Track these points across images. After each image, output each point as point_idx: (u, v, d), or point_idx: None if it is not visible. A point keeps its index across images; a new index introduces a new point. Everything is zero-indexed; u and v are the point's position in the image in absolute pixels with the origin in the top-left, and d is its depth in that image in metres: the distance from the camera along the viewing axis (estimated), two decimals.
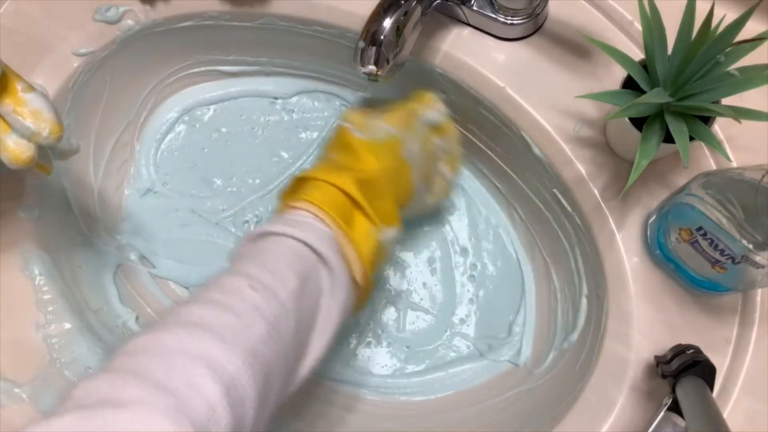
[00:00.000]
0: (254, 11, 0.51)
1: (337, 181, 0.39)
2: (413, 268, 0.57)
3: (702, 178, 0.38)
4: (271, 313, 0.32)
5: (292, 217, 0.38)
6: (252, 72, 0.59)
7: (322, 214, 0.38)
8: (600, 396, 0.42)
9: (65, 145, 0.43)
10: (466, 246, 0.57)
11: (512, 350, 0.53)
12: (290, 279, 0.34)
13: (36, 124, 0.37)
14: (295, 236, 0.36)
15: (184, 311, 0.31)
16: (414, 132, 0.44)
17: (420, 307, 0.56)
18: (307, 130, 0.60)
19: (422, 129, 0.45)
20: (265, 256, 0.36)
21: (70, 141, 0.44)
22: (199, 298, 0.32)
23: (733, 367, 0.41)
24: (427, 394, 0.54)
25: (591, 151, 0.45)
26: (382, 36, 0.38)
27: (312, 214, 0.38)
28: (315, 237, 0.37)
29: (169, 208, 0.59)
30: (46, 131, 0.37)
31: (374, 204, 0.40)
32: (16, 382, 0.45)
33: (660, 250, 0.42)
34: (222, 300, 0.32)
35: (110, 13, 0.50)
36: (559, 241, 0.50)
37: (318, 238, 0.37)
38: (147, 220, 0.58)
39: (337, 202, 0.39)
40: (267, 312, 0.32)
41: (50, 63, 0.50)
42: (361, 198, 0.39)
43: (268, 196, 0.59)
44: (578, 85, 0.45)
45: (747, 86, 0.36)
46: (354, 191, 0.39)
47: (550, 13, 0.47)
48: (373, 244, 0.39)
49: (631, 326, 0.42)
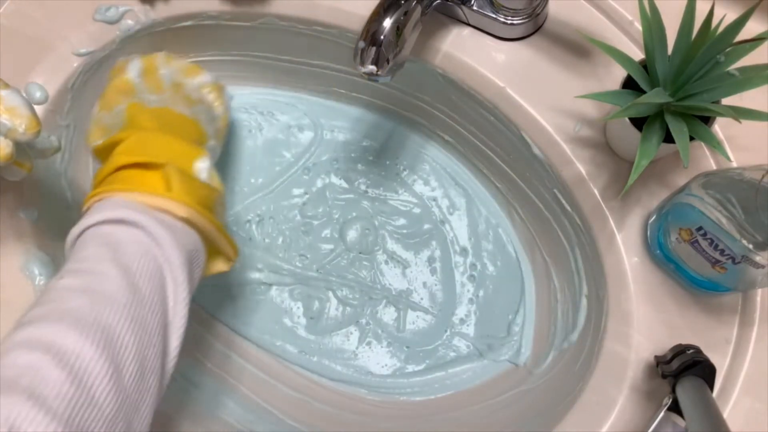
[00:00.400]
0: (254, 11, 0.51)
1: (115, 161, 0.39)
2: (413, 267, 0.57)
3: (702, 178, 0.38)
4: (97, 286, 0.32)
5: (97, 206, 0.38)
6: (252, 72, 0.59)
7: (120, 194, 0.38)
8: (600, 396, 0.42)
9: (45, 143, 0.43)
10: (466, 246, 0.57)
11: (512, 350, 0.53)
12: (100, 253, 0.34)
13: (11, 120, 0.37)
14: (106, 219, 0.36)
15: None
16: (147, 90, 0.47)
17: (420, 306, 0.56)
18: (308, 130, 0.60)
19: (163, 81, 0.48)
20: (82, 249, 0.36)
21: (51, 139, 0.44)
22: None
23: (733, 367, 0.41)
24: (427, 394, 0.54)
25: (591, 151, 0.45)
26: (382, 36, 0.38)
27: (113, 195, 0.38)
28: (116, 210, 0.36)
29: None
30: (22, 127, 0.37)
31: (155, 151, 0.40)
32: None
33: (660, 250, 0.42)
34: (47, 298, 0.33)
35: (110, 13, 0.50)
36: (559, 241, 0.50)
37: (116, 208, 0.37)
38: None
39: (126, 176, 0.39)
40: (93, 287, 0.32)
41: (50, 63, 0.50)
42: (138, 156, 0.39)
43: (270, 195, 0.59)
44: (578, 85, 0.45)
45: (747, 86, 0.36)
46: (127, 159, 0.39)
47: (550, 13, 0.47)
48: (179, 179, 0.39)
49: (631, 326, 0.42)
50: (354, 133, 0.60)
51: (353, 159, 0.59)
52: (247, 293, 0.57)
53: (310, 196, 0.59)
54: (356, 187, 0.59)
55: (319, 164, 0.59)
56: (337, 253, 0.57)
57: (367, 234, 0.58)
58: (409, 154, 0.59)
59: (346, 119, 0.60)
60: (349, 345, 0.55)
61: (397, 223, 0.58)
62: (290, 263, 0.57)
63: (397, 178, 0.59)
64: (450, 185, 0.58)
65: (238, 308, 0.57)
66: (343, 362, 0.55)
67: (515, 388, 0.51)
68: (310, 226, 0.58)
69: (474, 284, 0.56)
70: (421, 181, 0.58)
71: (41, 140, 0.40)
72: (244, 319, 0.56)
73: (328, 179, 0.59)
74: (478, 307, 0.55)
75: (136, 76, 0.47)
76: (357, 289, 0.56)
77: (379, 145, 0.59)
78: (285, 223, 0.58)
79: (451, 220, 0.57)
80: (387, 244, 0.57)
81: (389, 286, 0.56)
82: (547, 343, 0.52)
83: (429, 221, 0.58)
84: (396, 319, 0.55)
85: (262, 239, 0.58)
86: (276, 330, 0.56)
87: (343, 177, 0.59)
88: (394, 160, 0.59)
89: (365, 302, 0.56)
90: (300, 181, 0.59)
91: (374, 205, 0.58)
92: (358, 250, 0.57)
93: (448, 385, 0.54)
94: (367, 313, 0.56)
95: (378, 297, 0.56)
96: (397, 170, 0.59)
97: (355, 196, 0.59)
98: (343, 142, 0.60)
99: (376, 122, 0.60)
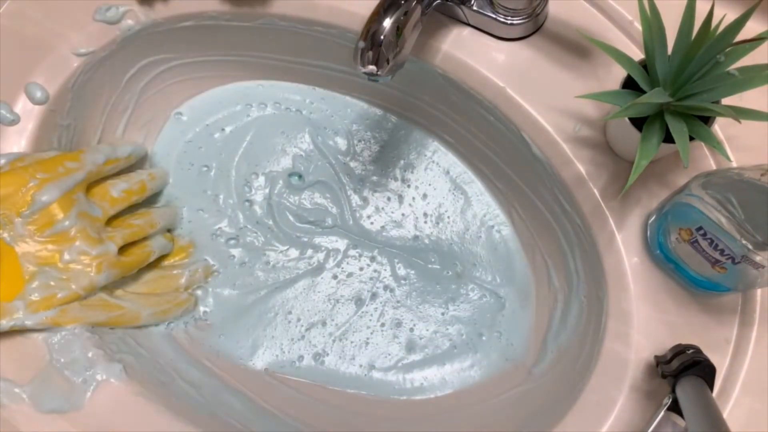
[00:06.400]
0: (254, 11, 0.51)
1: None
2: (413, 267, 0.57)
3: (702, 178, 0.38)
4: None
5: None
6: (252, 72, 0.59)
7: None
8: (600, 396, 0.42)
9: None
10: (465, 246, 0.57)
11: (511, 350, 0.53)
12: None
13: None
14: None
15: None
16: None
17: (419, 308, 0.56)
18: (308, 129, 0.60)
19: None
20: None
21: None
22: None
23: (733, 367, 0.41)
24: (427, 393, 0.54)
25: (591, 151, 0.45)
26: (382, 36, 0.38)
27: None
28: None
29: None
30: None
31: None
32: (16, 382, 0.45)
33: (660, 250, 0.42)
34: None
35: (110, 13, 0.50)
36: (558, 241, 0.50)
37: None
38: None
39: None
40: None
41: (50, 63, 0.50)
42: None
43: (269, 195, 0.59)
44: (578, 85, 0.45)
45: (747, 86, 0.36)
46: None
47: (550, 13, 0.47)
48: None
49: (631, 326, 0.42)
50: (354, 132, 0.60)
51: (353, 159, 0.59)
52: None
53: (309, 196, 0.59)
54: (356, 186, 0.59)
55: (318, 164, 0.59)
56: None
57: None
58: (408, 154, 0.59)
59: (346, 119, 0.60)
60: (349, 345, 0.55)
61: (396, 222, 0.58)
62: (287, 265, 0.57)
63: (397, 178, 0.59)
64: (450, 185, 0.58)
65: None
66: (343, 362, 0.55)
67: (515, 388, 0.51)
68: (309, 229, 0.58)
69: (473, 284, 0.56)
70: (421, 180, 0.58)
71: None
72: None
73: (328, 179, 0.59)
74: (478, 307, 0.55)
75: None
76: (357, 291, 0.56)
77: (379, 145, 0.59)
78: (281, 225, 0.58)
79: (451, 220, 0.57)
80: (387, 245, 0.57)
81: (388, 287, 0.56)
82: (546, 343, 0.52)
83: (429, 221, 0.58)
84: (396, 320, 0.55)
85: (253, 242, 0.58)
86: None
87: (342, 176, 0.59)
88: (393, 160, 0.59)
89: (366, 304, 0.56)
90: (300, 180, 0.59)
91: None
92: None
93: (448, 385, 0.54)
94: (368, 314, 0.56)
95: (378, 300, 0.56)
96: (396, 170, 0.59)
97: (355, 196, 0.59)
98: (342, 142, 0.59)
99: (376, 122, 0.60)
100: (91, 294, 0.46)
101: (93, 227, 0.46)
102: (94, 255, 0.46)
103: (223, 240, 0.57)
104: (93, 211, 0.47)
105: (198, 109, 0.60)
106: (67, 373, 0.45)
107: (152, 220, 0.53)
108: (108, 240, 0.47)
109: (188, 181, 0.59)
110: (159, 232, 0.54)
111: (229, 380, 0.53)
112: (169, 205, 0.57)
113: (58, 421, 0.44)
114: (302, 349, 0.55)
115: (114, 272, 0.47)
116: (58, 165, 0.46)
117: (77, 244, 0.45)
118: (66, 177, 0.45)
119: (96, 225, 0.47)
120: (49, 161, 0.46)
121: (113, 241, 0.47)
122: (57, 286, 0.45)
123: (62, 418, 0.44)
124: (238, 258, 0.57)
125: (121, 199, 0.50)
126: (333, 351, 0.55)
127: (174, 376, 0.50)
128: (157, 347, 0.52)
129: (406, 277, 0.57)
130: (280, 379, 0.54)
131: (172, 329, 0.54)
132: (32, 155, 0.47)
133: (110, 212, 0.49)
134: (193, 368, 0.53)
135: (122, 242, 0.49)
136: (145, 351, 0.50)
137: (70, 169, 0.46)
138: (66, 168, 0.46)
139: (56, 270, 0.45)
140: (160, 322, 0.53)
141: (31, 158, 0.46)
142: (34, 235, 0.44)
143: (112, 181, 0.51)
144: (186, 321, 0.54)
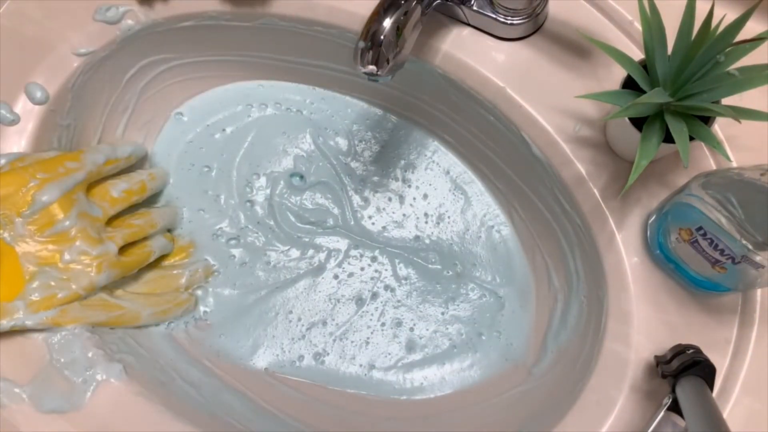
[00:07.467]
0: (254, 11, 0.51)
1: None
2: (413, 267, 0.57)
3: (702, 178, 0.38)
4: None
5: None
6: (252, 72, 0.59)
7: None
8: (600, 396, 0.42)
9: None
10: (465, 246, 0.57)
11: (511, 350, 0.53)
12: None
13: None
14: None
15: None
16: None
17: (420, 308, 0.56)
18: (309, 129, 0.60)
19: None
20: None
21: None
22: None
23: (733, 367, 0.41)
24: (427, 393, 0.54)
25: (591, 151, 0.45)
26: (382, 36, 0.38)
27: None
28: None
29: None
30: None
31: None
32: (16, 382, 0.45)
33: (660, 250, 0.42)
34: None
35: (110, 13, 0.50)
36: (558, 241, 0.50)
37: None
38: None
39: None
40: None
41: (50, 63, 0.50)
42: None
43: (268, 197, 0.59)
44: (578, 85, 0.45)
45: (747, 86, 0.36)
46: None
47: (550, 13, 0.47)
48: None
49: (631, 326, 0.42)
50: (354, 133, 0.60)
51: (354, 159, 0.59)
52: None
53: (310, 196, 0.59)
54: (357, 187, 0.59)
55: (319, 164, 0.59)
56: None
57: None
58: (409, 154, 0.59)
59: (347, 119, 0.60)
60: (349, 345, 0.55)
61: (397, 222, 0.58)
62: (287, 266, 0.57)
63: (397, 179, 0.59)
64: (450, 185, 0.58)
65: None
66: (343, 362, 0.55)
67: (515, 388, 0.51)
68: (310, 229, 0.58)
69: (473, 284, 0.56)
70: (422, 180, 0.58)
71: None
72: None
73: (330, 180, 0.59)
74: (478, 307, 0.55)
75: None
76: (357, 292, 0.56)
77: (379, 146, 0.59)
78: (282, 226, 0.58)
79: (451, 220, 0.57)
80: (388, 245, 0.57)
81: (389, 287, 0.56)
82: (546, 343, 0.52)
83: (429, 221, 0.58)
84: (397, 320, 0.55)
85: (254, 242, 0.58)
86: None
87: (343, 177, 0.59)
88: (394, 160, 0.59)
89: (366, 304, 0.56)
90: (301, 181, 0.59)
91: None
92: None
93: (448, 385, 0.54)
94: (368, 314, 0.56)
95: (378, 301, 0.56)
96: (397, 170, 0.59)
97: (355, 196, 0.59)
98: (342, 142, 0.60)
99: (377, 122, 0.60)
100: (91, 294, 0.46)
101: (93, 227, 0.46)
102: (94, 255, 0.46)
103: (224, 240, 0.57)
104: (93, 211, 0.47)
105: (198, 109, 0.60)
106: (67, 373, 0.45)
107: (152, 220, 0.53)
108: (108, 240, 0.47)
109: (189, 181, 0.59)
110: (159, 232, 0.54)
111: (229, 380, 0.53)
112: (170, 205, 0.57)
113: (58, 421, 0.44)
114: (302, 348, 0.55)
115: (114, 272, 0.47)
116: (58, 165, 0.46)
117: (77, 244, 0.45)
118: (66, 177, 0.45)
119: (96, 225, 0.47)
120: (50, 161, 0.46)
121: (113, 241, 0.47)
122: (57, 286, 0.45)
123: (62, 418, 0.44)
124: (238, 258, 0.57)
125: (121, 199, 0.50)
126: (333, 351, 0.55)
127: (174, 376, 0.50)
128: (157, 347, 0.52)
129: (407, 277, 0.57)
130: (281, 379, 0.54)
131: (172, 329, 0.54)
132: (32, 155, 0.47)
133: (110, 212, 0.49)
134: (193, 368, 0.53)
135: (122, 242, 0.49)
136: (145, 351, 0.50)
137: (70, 169, 0.46)
138: (66, 168, 0.46)
139: (56, 270, 0.45)
140: (160, 322, 0.53)
141: (32, 158, 0.46)
142: (34, 235, 0.44)
143: (113, 181, 0.51)
144: (186, 321, 0.55)
